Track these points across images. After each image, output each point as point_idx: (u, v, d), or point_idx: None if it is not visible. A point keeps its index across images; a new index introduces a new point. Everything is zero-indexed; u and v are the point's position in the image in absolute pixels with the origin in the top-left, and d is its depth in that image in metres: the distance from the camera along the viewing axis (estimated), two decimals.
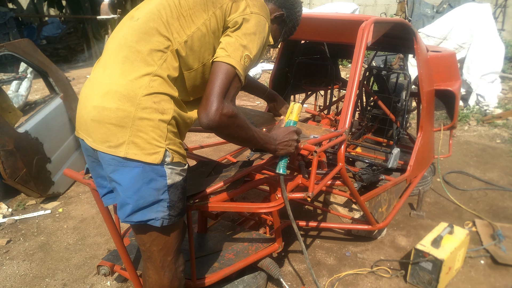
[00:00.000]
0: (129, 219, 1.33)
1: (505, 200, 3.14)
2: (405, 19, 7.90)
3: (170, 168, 1.32)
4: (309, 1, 11.82)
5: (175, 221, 1.39)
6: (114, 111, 1.25)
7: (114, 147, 1.26)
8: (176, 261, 1.48)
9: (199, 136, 4.47)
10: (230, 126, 1.32)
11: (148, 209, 1.32)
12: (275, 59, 3.32)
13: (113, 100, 1.26)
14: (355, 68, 1.97)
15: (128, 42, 1.32)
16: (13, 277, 2.30)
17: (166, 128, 1.29)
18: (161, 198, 1.32)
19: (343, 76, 5.78)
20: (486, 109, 5.17)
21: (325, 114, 3.35)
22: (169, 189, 1.33)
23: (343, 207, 2.80)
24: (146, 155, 1.26)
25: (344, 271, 2.32)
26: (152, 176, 1.29)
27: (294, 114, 1.67)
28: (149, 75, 1.28)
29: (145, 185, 1.29)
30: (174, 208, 1.36)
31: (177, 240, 1.45)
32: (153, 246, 1.41)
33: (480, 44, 5.15)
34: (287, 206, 1.71)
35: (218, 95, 1.27)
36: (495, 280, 2.27)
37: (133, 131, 1.25)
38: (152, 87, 1.27)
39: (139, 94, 1.26)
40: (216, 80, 1.29)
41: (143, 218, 1.33)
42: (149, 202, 1.31)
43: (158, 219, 1.33)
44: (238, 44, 1.34)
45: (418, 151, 2.68)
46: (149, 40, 1.31)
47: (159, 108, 1.27)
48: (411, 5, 8.38)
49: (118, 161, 1.27)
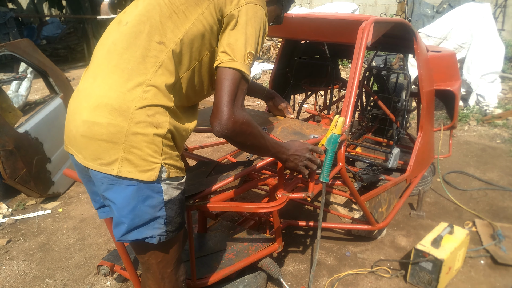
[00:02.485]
0: (125, 238, 1.27)
1: (505, 200, 3.14)
2: (405, 19, 7.90)
3: (167, 183, 1.26)
4: (309, 1, 11.83)
5: (173, 236, 1.33)
6: (105, 126, 1.17)
7: (107, 165, 1.19)
8: (176, 272, 1.43)
9: (199, 136, 4.47)
10: (243, 133, 1.28)
11: (144, 227, 1.26)
12: (275, 59, 3.32)
13: (104, 114, 1.18)
14: (355, 68, 1.96)
15: (118, 49, 1.25)
16: (13, 277, 2.30)
17: (161, 143, 1.21)
18: (158, 215, 1.26)
19: (343, 76, 5.78)
20: (486, 109, 5.17)
21: (325, 114, 3.35)
22: (166, 205, 1.27)
23: (343, 207, 2.80)
24: (141, 172, 1.19)
25: (344, 271, 2.32)
26: (147, 193, 1.22)
27: (338, 128, 1.66)
28: (142, 85, 1.20)
29: (141, 203, 1.23)
30: (172, 224, 1.30)
31: (176, 252, 1.40)
32: (151, 260, 1.37)
33: (480, 44, 5.15)
34: (321, 213, 1.80)
35: (228, 102, 1.22)
36: (495, 280, 2.27)
37: (126, 148, 1.18)
38: (145, 99, 1.19)
39: (132, 107, 1.18)
40: (223, 87, 1.23)
41: (139, 237, 1.27)
42: (145, 220, 1.25)
43: (155, 237, 1.27)
44: (239, 44, 1.27)
45: (418, 151, 2.68)
46: (140, 46, 1.23)
47: (154, 121, 1.20)
48: (411, 5, 8.39)
49: (111, 179, 1.20)
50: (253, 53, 1.30)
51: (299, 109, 3.60)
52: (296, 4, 11.79)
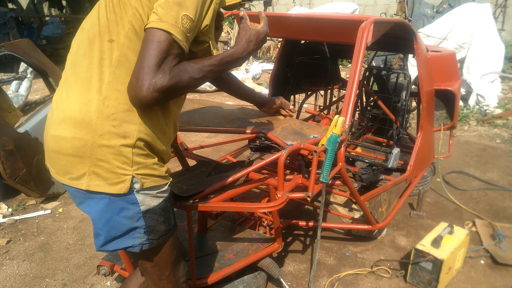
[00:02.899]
0: (104, 249, 1.24)
1: (505, 200, 3.14)
2: (405, 19, 7.90)
3: (143, 194, 1.19)
4: (309, 1, 11.82)
5: (159, 243, 1.27)
6: (70, 140, 1.13)
7: (76, 179, 1.15)
8: (175, 274, 1.39)
9: (199, 136, 4.47)
10: (168, 96, 1.11)
11: (123, 238, 1.21)
12: (275, 59, 3.32)
13: (69, 128, 1.13)
14: (355, 68, 1.96)
15: (78, 57, 1.18)
16: (13, 277, 2.30)
17: (131, 153, 1.13)
18: (136, 226, 1.20)
19: (343, 76, 5.78)
20: (486, 109, 5.17)
21: (325, 114, 3.35)
22: (145, 215, 1.20)
23: (343, 207, 2.80)
24: (110, 185, 1.14)
25: (344, 271, 2.32)
26: (122, 205, 1.17)
27: (338, 128, 1.67)
28: (101, 92, 1.12)
29: (115, 215, 1.18)
30: (154, 233, 1.24)
31: (171, 255, 1.35)
32: (145, 264, 1.33)
33: (480, 44, 5.15)
34: (321, 213, 1.78)
35: (149, 69, 1.05)
36: (495, 280, 2.27)
37: (92, 161, 1.12)
38: (107, 107, 1.11)
39: (94, 118, 1.11)
40: (146, 50, 1.06)
41: (119, 247, 1.23)
42: (123, 231, 1.20)
43: (136, 246, 1.23)
44: (170, 3, 1.09)
45: (418, 151, 2.68)
46: (95, 50, 1.14)
47: (120, 131, 1.12)
48: (411, 5, 8.39)
49: (83, 193, 1.17)
50: (191, 17, 1.11)
51: (299, 109, 3.60)
52: (296, 4, 11.80)
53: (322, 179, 1.72)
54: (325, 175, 1.70)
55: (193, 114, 2.20)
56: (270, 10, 8.95)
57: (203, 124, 2.06)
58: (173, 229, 1.33)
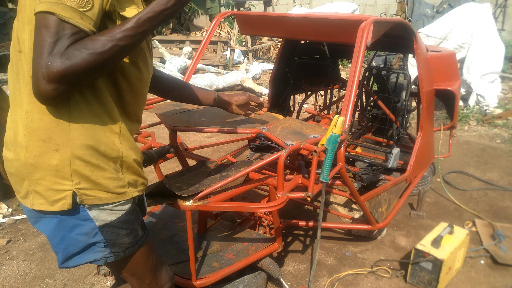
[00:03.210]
0: (66, 265, 1.16)
1: (505, 200, 3.14)
2: (405, 19, 7.90)
3: (96, 210, 1.09)
4: (309, 1, 11.83)
5: (126, 255, 1.19)
6: (11, 160, 1.07)
7: (23, 198, 1.10)
8: (157, 282, 1.34)
9: (199, 136, 4.47)
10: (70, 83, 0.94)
11: (83, 254, 1.14)
12: (275, 59, 3.32)
13: (9, 147, 1.08)
14: (355, 68, 1.96)
15: (9, 75, 1.09)
16: (13, 277, 2.30)
17: (68, 166, 1.03)
18: (95, 241, 1.12)
19: (343, 76, 5.78)
20: (486, 109, 5.17)
21: (325, 114, 3.35)
22: (102, 230, 1.11)
23: (343, 207, 2.80)
24: (52, 203, 1.05)
25: (344, 271, 2.32)
26: (74, 222, 1.09)
27: (338, 128, 1.66)
28: (23, 107, 1.02)
29: (69, 233, 1.10)
30: (117, 246, 1.16)
31: (146, 264, 1.28)
32: (123, 273, 1.27)
33: (480, 44, 5.15)
34: (321, 213, 1.77)
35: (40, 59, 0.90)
36: (495, 280, 2.27)
37: (31, 180, 1.05)
38: (32, 121, 1.01)
39: (22, 135, 1.02)
40: (35, 41, 0.93)
41: (81, 262, 1.16)
42: (81, 247, 1.13)
43: (98, 260, 1.15)
44: None
45: (418, 151, 2.68)
46: (13, 64, 1.05)
47: (51, 145, 1.01)
48: (411, 5, 8.39)
49: (34, 212, 1.10)
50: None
51: (299, 109, 3.60)
52: (296, 4, 11.80)
53: (322, 179, 1.72)
54: (325, 175, 1.71)
55: (193, 114, 2.20)
56: (270, 10, 8.95)
57: (203, 124, 2.06)
58: (141, 240, 1.23)
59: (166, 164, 3.46)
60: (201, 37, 9.10)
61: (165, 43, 8.99)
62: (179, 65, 7.44)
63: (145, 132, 2.29)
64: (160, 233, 2.14)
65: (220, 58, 8.28)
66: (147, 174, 1.41)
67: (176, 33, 10.15)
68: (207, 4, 11.87)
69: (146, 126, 2.41)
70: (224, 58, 8.38)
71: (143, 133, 2.27)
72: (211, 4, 11.91)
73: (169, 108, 2.25)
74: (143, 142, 2.19)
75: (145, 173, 1.24)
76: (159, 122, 2.28)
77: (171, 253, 1.97)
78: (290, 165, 2.37)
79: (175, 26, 10.43)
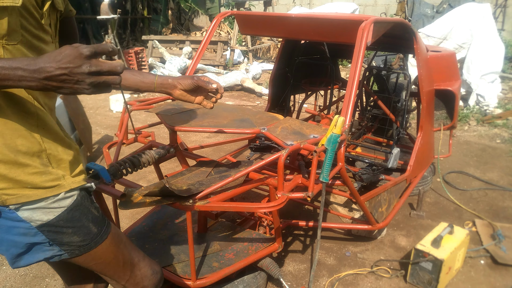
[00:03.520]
0: (17, 266, 1.10)
1: (505, 200, 3.14)
2: (405, 19, 7.90)
3: (27, 210, 1.01)
4: (309, 1, 11.83)
5: (82, 253, 1.11)
6: None
7: None
8: (136, 279, 1.26)
9: (199, 136, 4.47)
10: None
11: (30, 253, 1.08)
12: (275, 59, 3.33)
13: None
14: (355, 68, 1.97)
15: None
16: (13, 277, 2.30)
17: None
18: (36, 241, 1.06)
19: (343, 76, 5.78)
20: (486, 109, 5.17)
21: (325, 114, 3.35)
22: (42, 230, 1.04)
23: (343, 207, 2.80)
24: None
25: (344, 271, 2.32)
26: (7, 223, 1.02)
27: (338, 128, 1.66)
28: None
29: (6, 235, 1.05)
30: (66, 245, 1.08)
31: (115, 260, 1.20)
32: (95, 272, 1.21)
33: (480, 44, 5.15)
34: (321, 213, 1.77)
35: None
36: (495, 280, 2.27)
37: None
38: None
39: None
40: None
41: (32, 261, 1.10)
42: (24, 247, 1.07)
43: (51, 257, 1.10)
44: None
45: (418, 151, 2.68)
46: None
47: None
48: (411, 5, 8.40)
49: None
50: None
51: (299, 109, 3.60)
52: (296, 4, 11.80)
53: (322, 179, 1.72)
54: (325, 175, 1.70)
55: (193, 114, 2.20)
56: (270, 10, 8.95)
57: (203, 124, 2.06)
58: (98, 237, 1.13)
59: (166, 164, 3.46)
60: (201, 37, 9.11)
61: (165, 43, 8.99)
62: (179, 65, 7.44)
63: (145, 132, 2.29)
64: (160, 233, 2.14)
65: (220, 58, 8.29)
66: (147, 174, 1.40)
67: (176, 33, 10.16)
68: (207, 4, 11.88)
69: (146, 126, 2.41)
70: (224, 58, 8.39)
71: (143, 133, 2.27)
72: (211, 4, 11.93)
73: (169, 108, 2.25)
74: (143, 142, 2.19)
75: (145, 173, 1.23)
76: (159, 122, 2.28)
77: (171, 253, 1.97)
78: (290, 165, 2.37)
79: (175, 26, 10.44)
